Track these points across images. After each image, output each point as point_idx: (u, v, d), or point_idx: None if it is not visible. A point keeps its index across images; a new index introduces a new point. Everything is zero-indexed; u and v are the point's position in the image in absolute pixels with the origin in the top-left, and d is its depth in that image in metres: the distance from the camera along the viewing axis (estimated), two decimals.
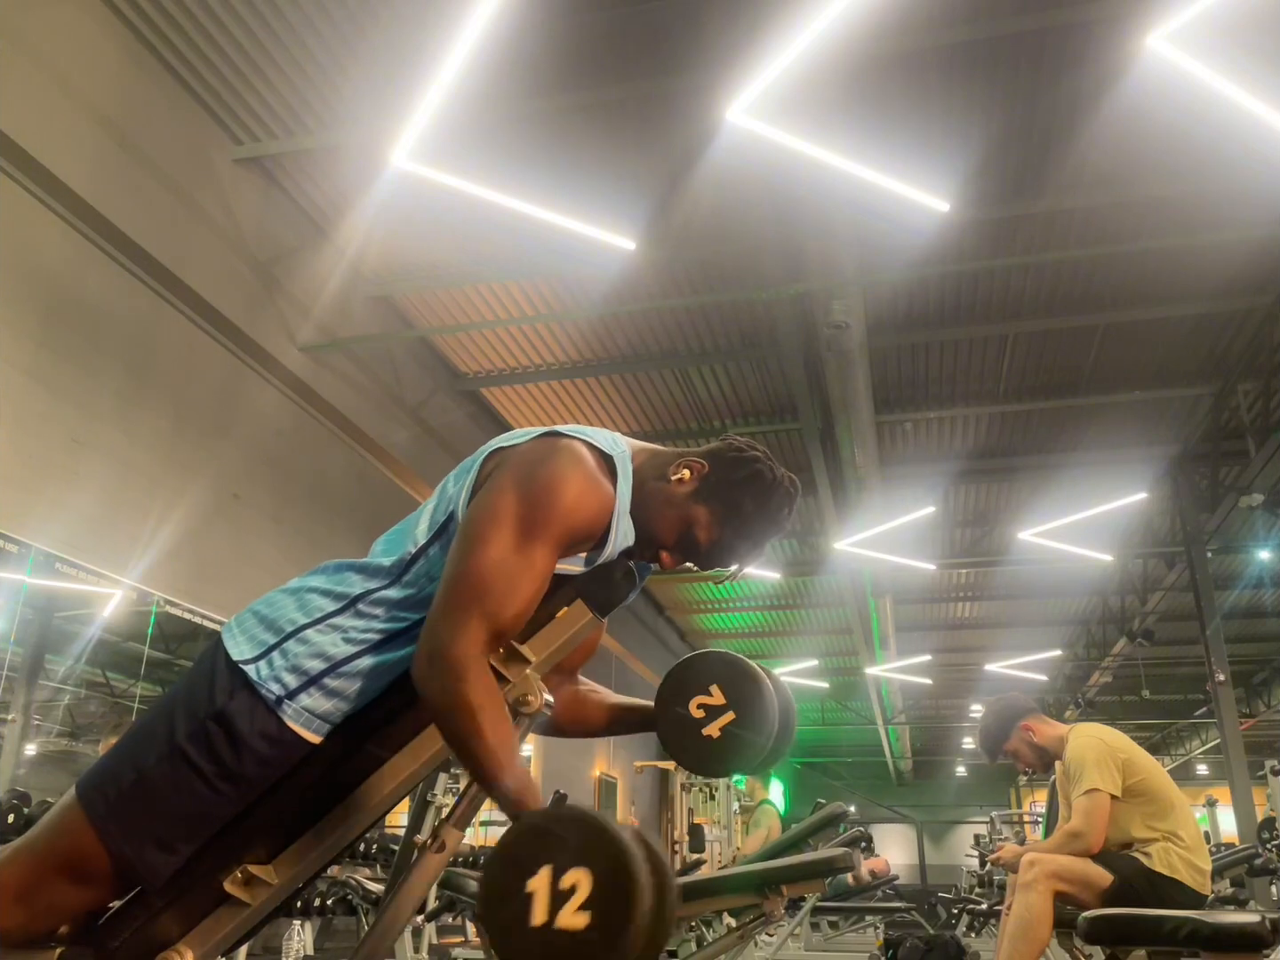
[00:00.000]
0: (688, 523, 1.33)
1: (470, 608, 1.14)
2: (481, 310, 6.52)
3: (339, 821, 1.22)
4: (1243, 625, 12.38)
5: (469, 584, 1.16)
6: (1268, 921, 1.92)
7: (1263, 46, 4.12)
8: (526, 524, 1.18)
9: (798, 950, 5.81)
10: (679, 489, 1.33)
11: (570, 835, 0.97)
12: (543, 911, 0.94)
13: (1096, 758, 2.90)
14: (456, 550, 1.20)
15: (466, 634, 1.13)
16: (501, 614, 1.16)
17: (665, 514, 1.33)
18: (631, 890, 0.94)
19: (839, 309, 5.59)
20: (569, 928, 0.93)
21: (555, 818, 1.00)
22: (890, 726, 17.26)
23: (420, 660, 1.15)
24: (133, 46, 4.35)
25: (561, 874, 0.95)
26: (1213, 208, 5.32)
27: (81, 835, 1.18)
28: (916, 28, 4.28)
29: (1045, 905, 2.71)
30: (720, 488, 1.33)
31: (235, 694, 1.21)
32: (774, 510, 1.34)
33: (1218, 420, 7.70)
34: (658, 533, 1.34)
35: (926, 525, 9.12)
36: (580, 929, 0.92)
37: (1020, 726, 3.13)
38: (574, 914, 0.93)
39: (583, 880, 0.94)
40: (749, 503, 1.33)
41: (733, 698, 1.35)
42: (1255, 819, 7.41)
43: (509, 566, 1.17)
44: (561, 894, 0.94)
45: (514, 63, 4.37)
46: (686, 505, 1.33)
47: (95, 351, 4.42)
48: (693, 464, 1.34)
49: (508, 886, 0.96)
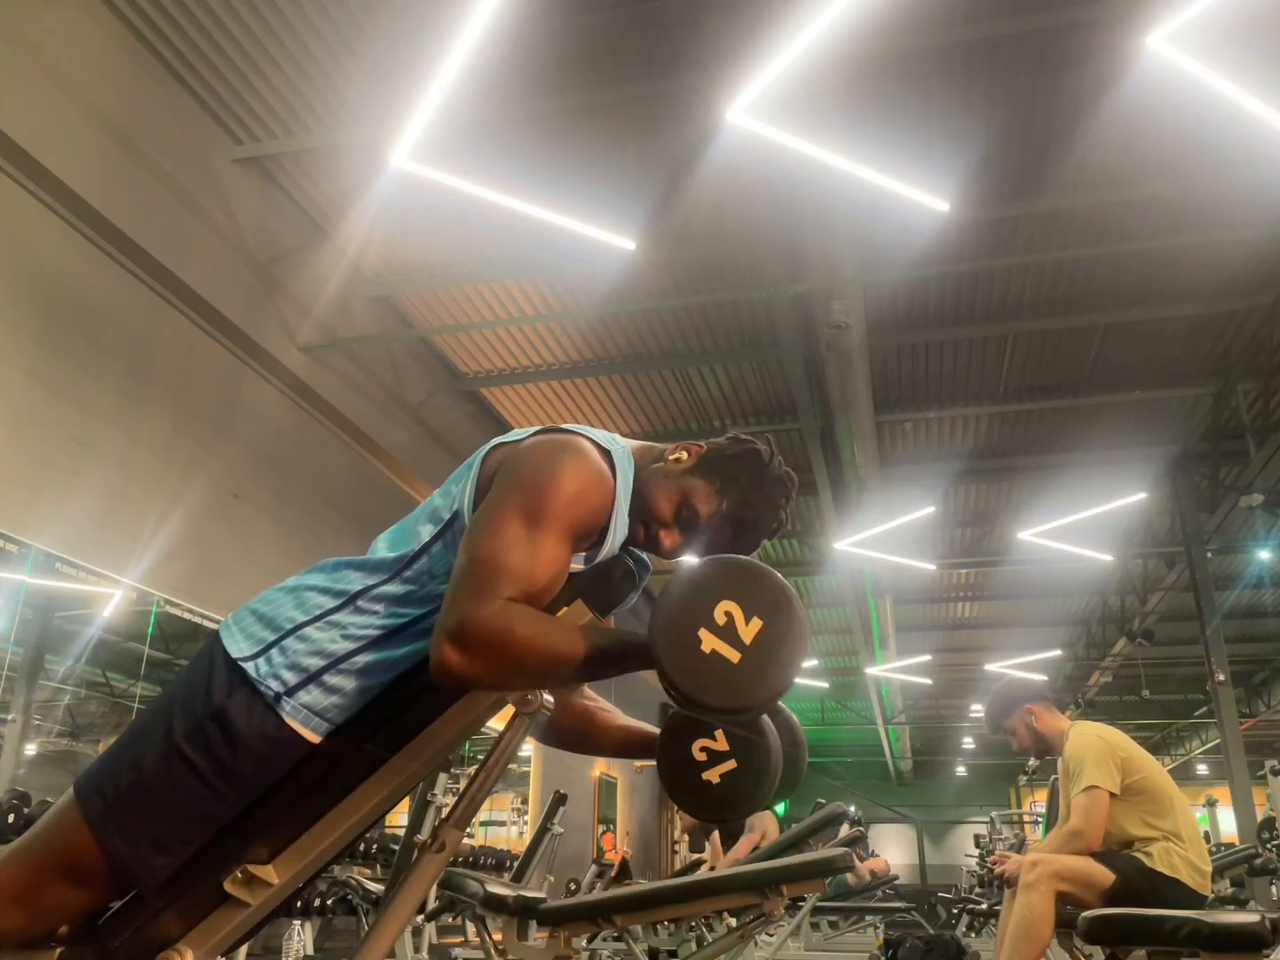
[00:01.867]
0: (685, 493, 1.35)
1: (485, 584, 1.13)
2: (481, 310, 6.52)
3: (339, 821, 1.21)
4: (1243, 625, 12.38)
5: (480, 567, 1.14)
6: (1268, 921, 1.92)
7: (1263, 46, 4.12)
8: (534, 514, 1.18)
9: (798, 950, 5.81)
10: (676, 466, 1.36)
11: (689, 598, 1.09)
12: (731, 650, 1.06)
13: (1096, 755, 2.90)
14: (466, 543, 1.19)
15: (491, 599, 1.12)
16: (521, 586, 1.14)
17: (663, 487, 1.35)
18: (757, 573, 1.10)
19: (839, 309, 5.58)
20: (754, 636, 1.06)
21: (665, 611, 1.10)
22: (890, 726, 17.25)
23: (444, 649, 1.10)
24: (133, 46, 4.35)
25: (712, 622, 1.07)
26: (1213, 208, 5.32)
27: (79, 835, 1.17)
28: (916, 28, 4.28)
29: (1047, 905, 2.71)
30: (717, 462, 1.36)
31: (233, 691, 1.20)
32: (770, 488, 1.37)
33: (1218, 420, 7.71)
34: (656, 509, 1.35)
35: (926, 525, 9.12)
36: (762, 629, 1.06)
37: (1026, 708, 3.16)
38: (748, 628, 1.06)
39: (728, 608, 1.07)
40: (745, 477, 1.36)
41: (736, 748, 1.34)
42: (1255, 819, 7.42)
43: (521, 551, 1.16)
44: (727, 630, 1.06)
45: (514, 63, 4.37)
46: (684, 478, 1.35)
47: (95, 351, 4.42)
48: (690, 446, 1.39)
49: (694, 668, 1.06)
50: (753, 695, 1.06)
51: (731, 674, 1.05)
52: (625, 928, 2.29)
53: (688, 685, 1.06)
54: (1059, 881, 2.75)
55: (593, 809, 11.60)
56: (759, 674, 1.06)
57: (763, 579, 1.10)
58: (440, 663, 1.10)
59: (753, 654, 1.06)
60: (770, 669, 1.06)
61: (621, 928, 2.25)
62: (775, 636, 1.07)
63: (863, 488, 7.84)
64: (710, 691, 1.06)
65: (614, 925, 2.18)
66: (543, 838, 5.85)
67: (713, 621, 1.07)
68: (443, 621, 1.12)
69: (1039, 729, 3.14)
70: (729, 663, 1.05)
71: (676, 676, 1.06)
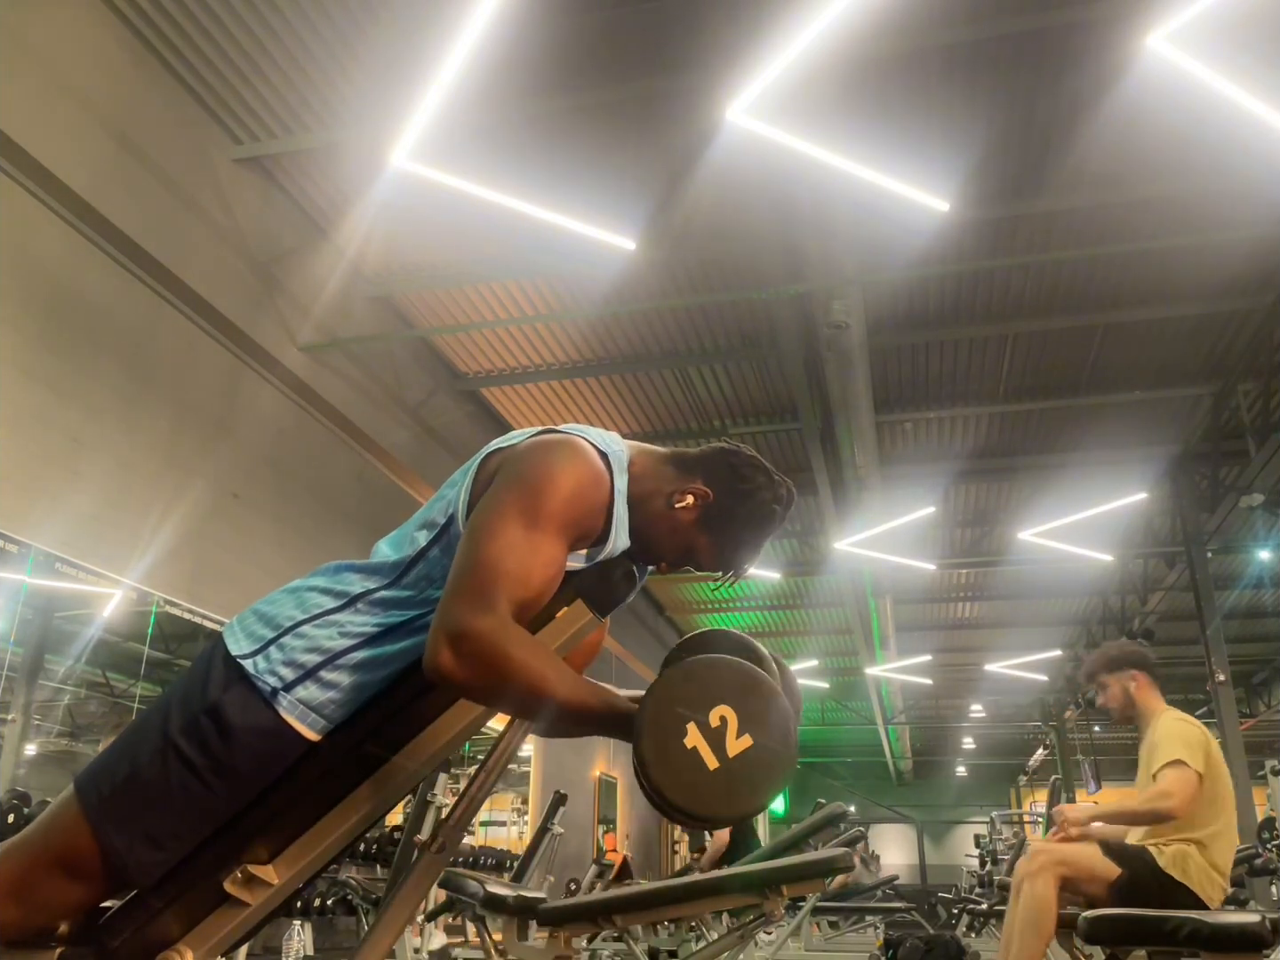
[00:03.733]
0: (690, 549, 1.39)
1: (485, 589, 1.13)
2: (481, 310, 6.52)
3: (339, 821, 1.21)
4: (1243, 625, 12.38)
5: (480, 570, 1.15)
6: (1268, 921, 1.92)
7: (1263, 46, 4.12)
8: (531, 514, 1.18)
9: (798, 950, 5.81)
10: (683, 516, 1.36)
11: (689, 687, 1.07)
12: (711, 756, 1.03)
13: (1192, 740, 2.91)
14: (464, 544, 1.20)
15: (487, 609, 1.12)
16: (518, 594, 1.15)
17: (670, 540, 1.38)
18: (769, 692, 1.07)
19: (839, 309, 5.59)
20: (740, 751, 1.03)
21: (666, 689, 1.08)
22: (890, 726, 17.25)
23: (442, 652, 1.10)
24: (133, 46, 4.35)
25: (705, 720, 1.04)
26: (1213, 208, 5.32)
27: (76, 830, 1.17)
28: (916, 28, 4.28)
29: (1050, 894, 2.70)
30: (722, 519, 1.37)
31: (230, 687, 1.20)
32: (771, 533, 1.41)
33: (1218, 420, 7.70)
34: (660, 553, 1.40)
35: (926, 525, 9.12)
36: (750, 747, 1.04)
37: (1132, 673, 3.17)
38: (736, 742, 1.04)
39: (723, 712, 1.05)
40: (748, 534, 1.38)
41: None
42: (1255, 819, 7.42)
43: (519, 553, 1.16)
44: (716, 733, 1.04)
45: (514, 63, 4.37)
46: (689, 533, 1.37)
47: (95, 351, 4.42)
48: (695, 489, 1.36)
49: (669, 755, 1.04)
50: (714, 809, 1.04)
51: (701, 780, 1.03)
52: (625, 928, 2.29)
53: (656, 770, 1.04)
54: (1062, 868, 2.73)
55: (593, 809, 11.60)
56: (729, 792, 1.03)
57: (774, 703, 1.07)
58: (433, 661, 1.11)
59: (731, 770, 1.03)
60: (741, 790, 1.04)
61: (621, 928, 2.25)
62: (757, 761, 1.04)
63: (863, 488, 7.84)
64: (674, 787, 1.04)
65: (614, 925, 2.18)
66: (543, 838, 5.85)
67: (706, 720, 1.05)
68: (442, 622, 1.12)
69: (1136, 697, 3.17)
70: (704, 767, 1.03)
71: (648, 754, 1.04)
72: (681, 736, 1.04)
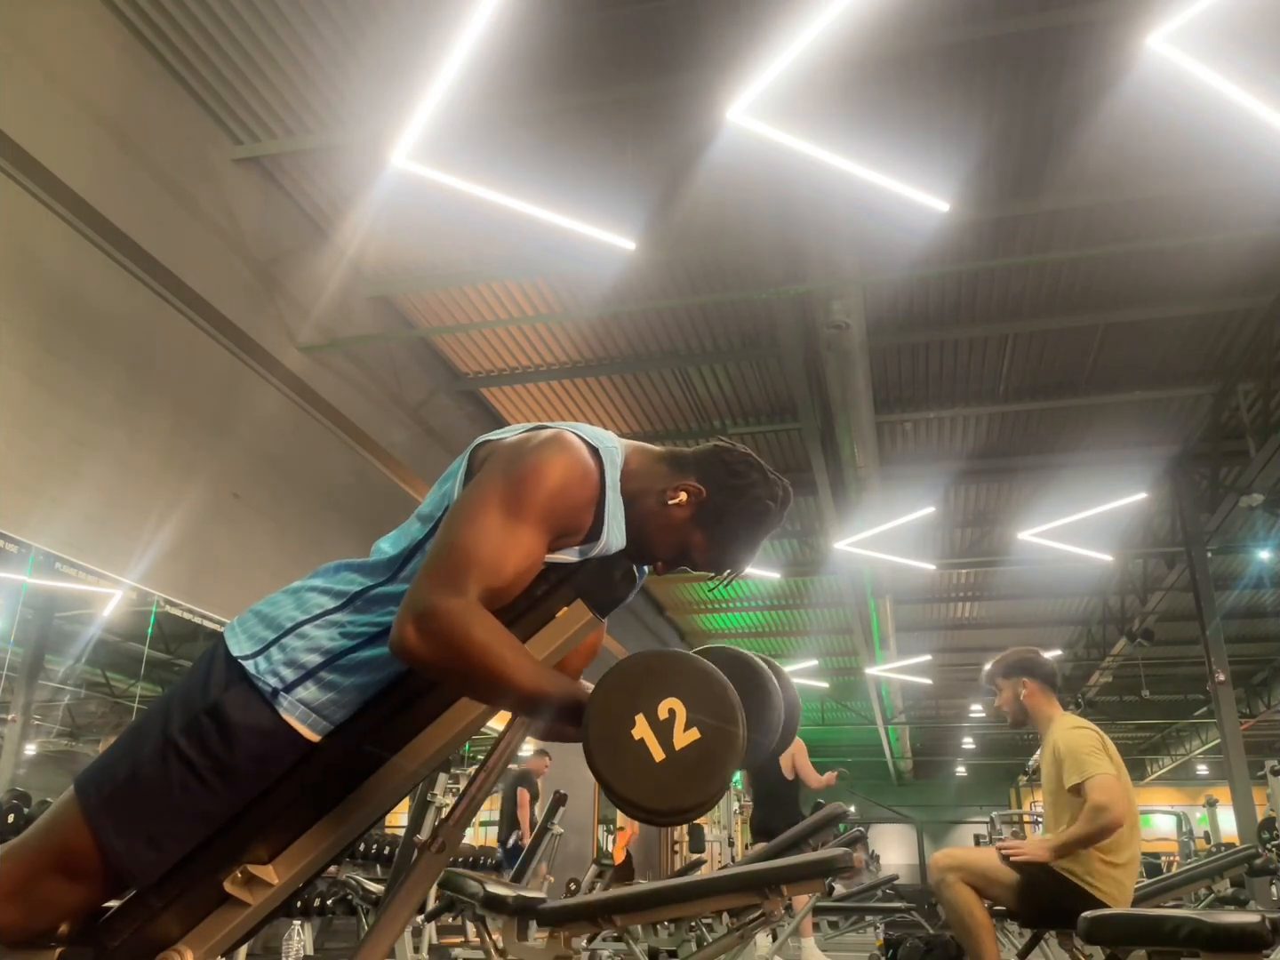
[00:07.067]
0: (684, 547, 1.38)
1: (456, 573, 1.14)
2: (481, 310, 6.52)
3: (339, 821, 1.21)
4: (1243, 625, 12.38)
5: (454, 554, 1.16)
6: (1268, 921, 1.92)
7: (1263, 46, 4.12)
8: (512, 504, 1.19)
9: (798, 950, 5.81)
10: (677, 513, 1.36)
11: (639, 679, 1.07)
12: (658, 747, 1.03)
13: (1090, 746, 2.98)
14: (443, 529, 1.21)
15: (456, 591, 1.13)
16: (488, 581, 1.16)
17: (663, 537, 1.37)
18: (718, 685, 1.06)
19: (839, 309, 5.59)
20: (686, 744, 1.03)
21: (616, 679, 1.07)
22: (890, 726, 17.26)
23: (406, 628, 1.11)
24: (133, 46, 4.35)
25: (653, 712, 1.04)
26: (1213, 208, 5.32)
27: (76, 830, 1.17)
28: (916, 28, 4.28)
29: (964, 893, 2.83)
30: (716, 516, 1.36)
31: (231, 687, 1.21)
32: (766, 531, 1.40)
33: (1218, 420, 7.70)
34: (654, 551, 1.39)
35: (926, 525, 9.12)
36: (697, 740, 1.03)
37: (1024, 680, 3.21)
38: (684, 734, 1.03)
39: (673, 705, 1.04)
40: (744, 531, 1.37)
41: None
42: (1255, 819, 7.42)
43: (495, 540, 1.17)
44: (664, 725, 1.03)
45: (514, 63, 4.37)
46: (683, 531, 1.36)
47: (95, 351, 4.42)
48: (688, 486, 1.36)
49: (616, 745, 1.04)
50: (655, 801, 1.04)
51: (645, 770, 1.03)
52: (625, 928, 2.29)
53: (601, 759, 1.04)
54: (962, 873, 2.87)
55: (593, 809, 11.60)
56: (670, 785, 1.03)
57: (725, 699, 1.06)
58: (398, 636, 1.12)
59: (675, 762, 1.03)
60: (684, 785, 1.03)
61: (621, 928, 2.25)
62: (703, 756, 1.03)
63: (863, 488, 7.84)
64: (618, 775, 1.03)
65: (614, 925, 2.18)
66: (543, 838, 5.85)
67: (654, 712, 1.04)
68: (411, 600, 1.14)
69: (1025, 702, 3.23)
70: (650, 759, 1.03)
71: (594, 744, 1.04)
72: (629, 727, 1.04)
